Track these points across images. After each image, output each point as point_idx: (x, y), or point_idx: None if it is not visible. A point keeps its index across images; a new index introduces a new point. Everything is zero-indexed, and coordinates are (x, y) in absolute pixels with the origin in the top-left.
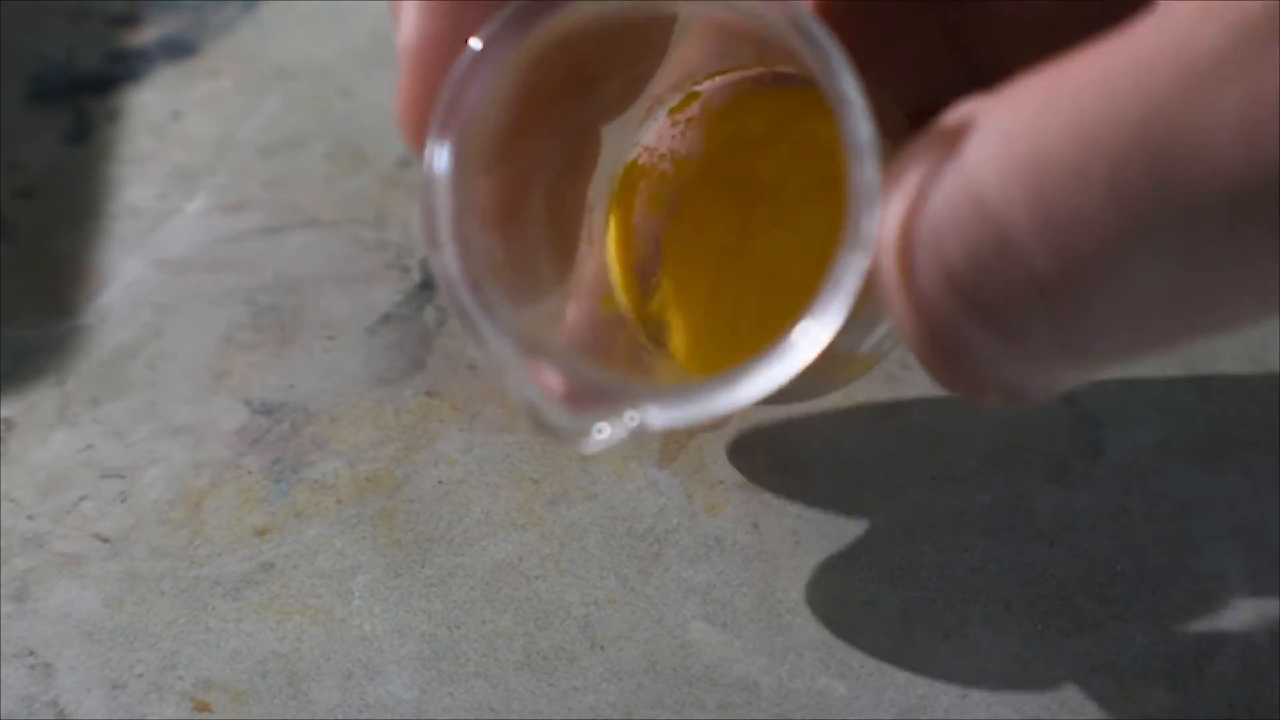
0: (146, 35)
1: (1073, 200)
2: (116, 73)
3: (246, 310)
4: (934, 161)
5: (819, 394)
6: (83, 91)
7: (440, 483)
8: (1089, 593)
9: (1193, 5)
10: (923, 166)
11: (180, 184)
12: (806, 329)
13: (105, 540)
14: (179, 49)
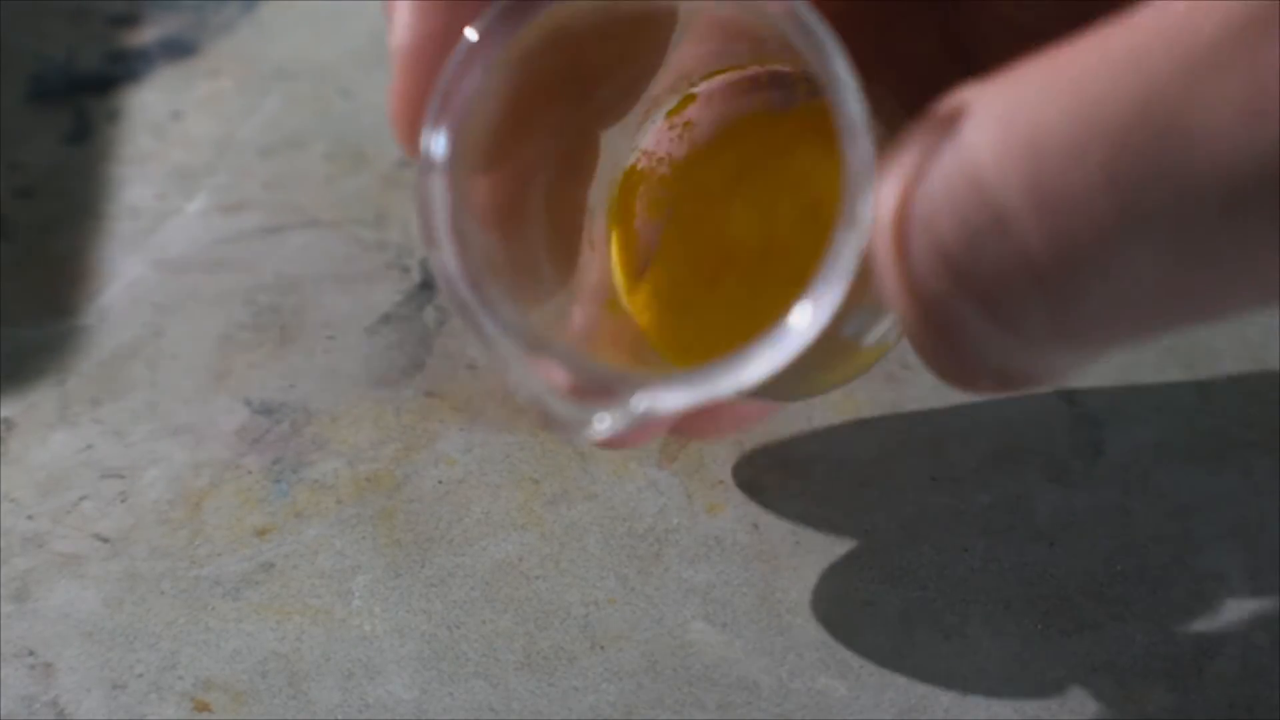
0: (146, 35)
1: (1070, 182)
2: (116, 73)
3: (246, 310)
4: (931, 142)
5: (822, 389)
6: (83, 91)
7: (440, 483)
8: (1089, 593)
9: None
10: (919, 147)
11: (180, 184)
12: (805, 309)
13: (105, 540)
14: (179, 49)
